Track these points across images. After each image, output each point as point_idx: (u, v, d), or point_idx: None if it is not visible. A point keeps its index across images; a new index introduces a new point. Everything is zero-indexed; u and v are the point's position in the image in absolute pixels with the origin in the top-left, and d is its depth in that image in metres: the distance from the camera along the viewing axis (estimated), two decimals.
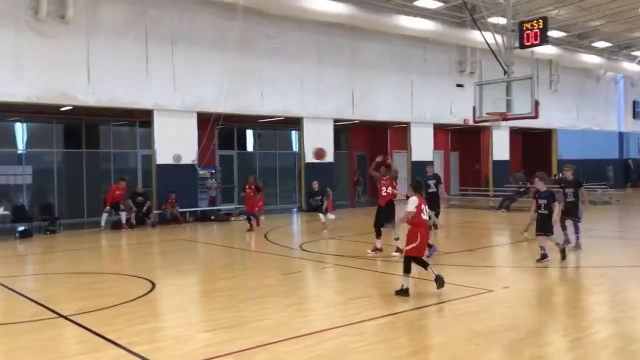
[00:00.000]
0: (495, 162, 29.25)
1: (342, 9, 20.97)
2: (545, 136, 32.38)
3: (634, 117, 37.67)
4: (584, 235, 11.89)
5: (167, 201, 18.56)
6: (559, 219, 10.93)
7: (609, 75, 35.22)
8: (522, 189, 22.42)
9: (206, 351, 5.69)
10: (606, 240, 13.10)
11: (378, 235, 11.35)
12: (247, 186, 16.57)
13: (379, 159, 11.73)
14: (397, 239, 11.09)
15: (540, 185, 10.79)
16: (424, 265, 8.05)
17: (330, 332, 6.29)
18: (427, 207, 8.20)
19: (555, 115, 30.67)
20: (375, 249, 11.37)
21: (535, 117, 15.94)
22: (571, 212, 11.78)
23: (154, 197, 18.74)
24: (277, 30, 21.21)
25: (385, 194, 11.29)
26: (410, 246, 7.92)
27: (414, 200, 7.97)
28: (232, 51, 19.08)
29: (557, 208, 10.39)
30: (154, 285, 8.91)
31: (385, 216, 11.26)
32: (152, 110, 18.55)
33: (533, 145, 33.68)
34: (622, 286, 8.62)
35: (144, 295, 8.27)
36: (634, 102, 37.70)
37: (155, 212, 18.31)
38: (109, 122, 20.99)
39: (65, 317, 7.01)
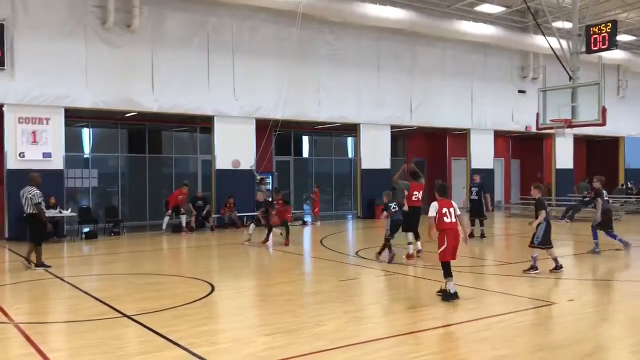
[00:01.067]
0: (558, 170, 28.34)
1: (402, 14, 20.84)
2: (611, 144, 31.11)
3: None
4: None
5: (225, 205, 18.89)
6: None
7: None
8: (587, 199, 21.60)
9: (265, 355, 5.73)
10: None
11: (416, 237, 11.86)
12: (277, 201, 15.36)
13: (405, 167, 12.69)
14: (409, 243, 11.75)
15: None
16: (446, 272, 8.03)
17: (387, 341, 6.22)
18: (454, 209, 8.15)
19: (622, 122, 29.43)
20: (409, 256, 11.67)
21: (603, 124, 15.36)
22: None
23: (213, 201, 19.12)
24: (337, 37, 21.29)
25: (415, 198, 11.79)
26: (440, 250, 8.11)
27: (433, 206, 8.13)
28: (290, 58, 19.28)
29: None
30: (213, 287, 9.06)
31: (410, 222, 11.69)
32: (213, 116, 18.96)
33: (598, 153, 32.42)
34: None
35: (203, 297, 8.42)
36: None
37: (214, 216, 18.67)
38: (171, 128, 21.60)
39: (129, 317, 7.22)
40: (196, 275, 10.24)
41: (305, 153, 25.85)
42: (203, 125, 20.76)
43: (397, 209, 11.52)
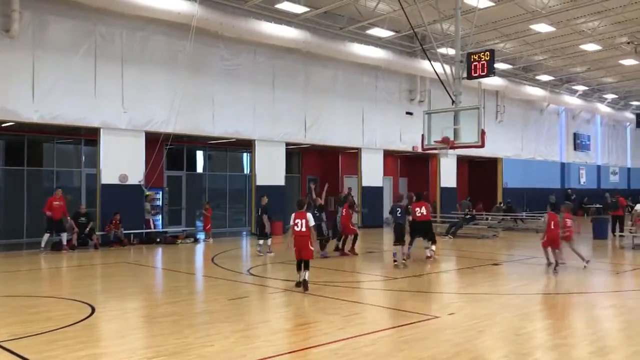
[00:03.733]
0: (442, 188, 29.82)
1: (297, 34, 21.18)
2: (491, 165, 33.29)
3: (575, 148, 39.26)
4: (528, 263, 12.18)
5: (111, 222, 18.04)
6: None
7: (551, 107, 36.67)
8: (469, 216, 22.90)
9: None
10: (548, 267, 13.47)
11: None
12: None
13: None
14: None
15: None
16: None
17: None
18: (306, 220, 10.12)
19: (500, 144, 31.63)
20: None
21: (482, 146, 16.31)
22: None
23: (97, 217, 18.21)
24: (232, 53, 21.19)
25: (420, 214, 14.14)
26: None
27: (292, 217, 10.30)
28: (184, 71, 18.93)
29: None
30: (94, 309, 8.59)
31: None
32: (99, 128, 18.13)
33: (479, 173, 34.56)
34: (564, 313, 8.85)
35: (83, 320, 7.95)
36: (575, 134, 39.33)
37: (98, 233, 17.77)
38: (53, 140, 20.38)
39: None
40: (75, 296, 9.67)
41: (199, 168, 25.38)
42: (88, 137, 19.79)
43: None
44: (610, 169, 43.23)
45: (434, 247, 14.71)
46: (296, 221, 10.18)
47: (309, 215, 10.22)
